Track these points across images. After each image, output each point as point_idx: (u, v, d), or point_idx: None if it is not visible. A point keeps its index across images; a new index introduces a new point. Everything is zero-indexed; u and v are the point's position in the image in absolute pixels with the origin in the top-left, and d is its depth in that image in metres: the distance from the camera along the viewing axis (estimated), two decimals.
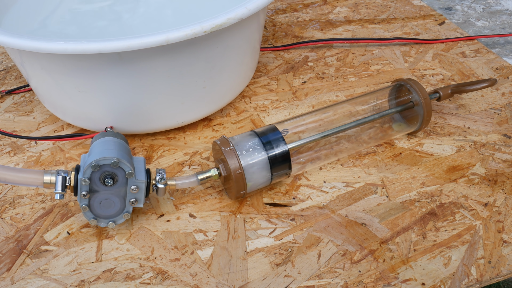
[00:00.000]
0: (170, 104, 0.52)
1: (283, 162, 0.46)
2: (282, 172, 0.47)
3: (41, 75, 0.50)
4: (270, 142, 0.46)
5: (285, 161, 0.46)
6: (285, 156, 0.46)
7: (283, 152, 0.46)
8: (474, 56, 0.67)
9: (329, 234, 0.45)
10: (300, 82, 0.64)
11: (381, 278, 0.41)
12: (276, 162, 0.46)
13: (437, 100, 0.55)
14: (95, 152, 0.43)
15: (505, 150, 0.53)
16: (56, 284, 0.41)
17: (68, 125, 0.59)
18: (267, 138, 0.46)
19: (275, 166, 0.46)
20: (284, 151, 0.46)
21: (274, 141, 0.46)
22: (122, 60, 0.45)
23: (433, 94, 0.55)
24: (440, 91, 0.55)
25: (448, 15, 0.80)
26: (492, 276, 0.41)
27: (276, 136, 0.46)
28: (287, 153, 0.46)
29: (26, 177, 0.42)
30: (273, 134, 0.47)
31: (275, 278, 0.41)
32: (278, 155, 0.46)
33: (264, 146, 0.46)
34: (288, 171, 0.47)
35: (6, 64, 0.71)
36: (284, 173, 0.47)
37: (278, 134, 0.47)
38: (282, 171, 0.46)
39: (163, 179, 0.44)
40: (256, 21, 0.53)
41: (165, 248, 0.44)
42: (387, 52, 0.69)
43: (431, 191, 0.48)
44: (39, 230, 0.46)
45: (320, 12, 0.80)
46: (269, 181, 0.47)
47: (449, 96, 0.55)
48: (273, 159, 0.45)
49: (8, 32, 0.45)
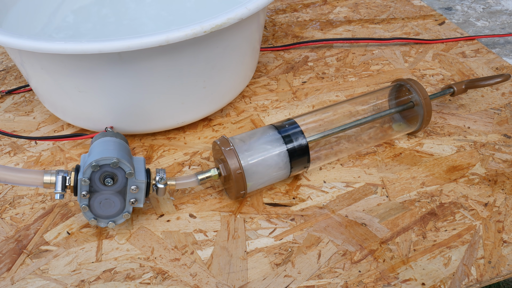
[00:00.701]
0: (170, 104, 0.52)
1: (302, 155, 0.47)
2: (301, 165, 0.47)
3: (41, 75, 0.50)
4: (289, 136, 0.47)
5: (304, 154, 0.47)
6: (304, 149, 0.47)
7: (302, 145, 0.46)
8: (474, 56, 0.67)
9: (329, 234, 0.45)
10: (300, 82, 0.64)
11: (381, 278, 0.41)
12: (295, 155, 0.46)
13: (451, 95, 0.55)
14: (95, 152, 0.43)
15: (505, 150, 0.53)
16: (56, 284, 0.41)
17: (68, 125, 0.59)
18: (285, 131, 0.47)
19: (294, 159, 0.46)
20: (302, 144, 0.46)
21: (293, 134, 0.47)
22: (122, 60, 0.45)
23: (447, 89, 0.55)
24: (454, 86, 0.55)
25: (448, 15, 0.80)
26: (492, 276, 0.41)
27: (295, 129, 0.47)
28: (306, 146, 0.47)
29: (26, 177, 0.42)
30: (292, 127, 0.47)
31: (275, 278, 0.41)
32: (297, 147, 0.46)
33: (283, 139, 0.46)
34: (307, 164, 0.47)
35: (6, 64, 0.71)
36: (303, 166, 0.47)
37: (297, 127, 0.47)
38: (301, 164, 0.47)
39: (163, 179, 0.44)
40: (256, 21, 0.53)
41: (165, 248, 0.44)
42: (387, 52, 0.69)
43: (431, 191, 0.48)
44: (39, 230, 0.46)
45: (320, 12, 0.80)
46: (287, 174, 0.47)
47: (463, 91, 0.56)
48: (292, 152, 0.46)
49: (8, 32, 0.45)
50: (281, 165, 0.46)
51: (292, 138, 0.47)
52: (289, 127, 0.47)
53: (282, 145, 0.46)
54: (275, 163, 0.46)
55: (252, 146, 0.46)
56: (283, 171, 0.47)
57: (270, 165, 0.46)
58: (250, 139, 0.47)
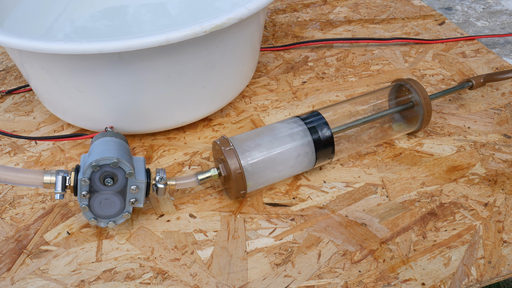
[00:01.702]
0: (170, 104, 0.52)
1: (327, 146, 0.48)
2: (325, 156, 0.48)
3: (41, 75, 0.50)
4: (314, 127, 0.48)
5: (329, 145, 0.48)
6: (329, 140, 0.47)
7: (327, 136, 0.47)
8: (474, 56, 0.67)
9: (329, 234, 0.45)
10: (300, 82, 0.64)
11: (381, 278, 0.41)
12: (320, 146, 0.47)
13: (470, 88, 0.57)
14: (95, 152, 0.43)
15: (505, 150, 0.53)
16: (56, 284, 0.41)
17: (68, 125, 0.59)
18: (310, 122, 0.48)
19: (319, 149, 0.47)
20: (327, 135, 0.47)
21: (318, 125, 0.48)
22: (122, 60, 0.45)
23: (466, 83, 0.56)
24: (472, 79, 0.56)
25: (448, 15, 0.80)
26: (492, 276, 0.41)
27: (320, 120, 0.48)
28: (331, 137, 0.47)
29: (26, 177, 0.42)
30: (317, 119, 0.48)
31: (275, 278, 0.41)
32: (322, 138, 0.47)
33: (309, 130, 0.47)
34: (331, 155, 0.48)
35: (6, 64, 0.71)
36: (327, 157, 0.48)
37: (322, 118, 0.48)
38: (325, 155, 0.48)
39: (163, 179, 0.44)
40: (256, 21, 0.53)
41: (165, 248, 0.44)
42: (387, 52, 0.69)
43: (431, 191, 0.48)
44: (39, 230, 0.46)
45: (320, 12, 0.80)
46: (312, 165, 0.48)
47: (481, 85, 0.57)
48: (317, 142, 0.47)
49: (8, 32, 0.45)
50: (307, 155, 0.47)
51: (317, 128, 0.47)
52: (314, 118, 0.48)
53: (308, 136, 0.47)
54: (299, 154, 0.47)
55: (276, 136, 0.47)
56: (306, 162, 0.48)
57: (293, 157, 0.47)
58: (272, 131, 0.48)
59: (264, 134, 0.47)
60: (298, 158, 0.47)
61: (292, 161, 0.47)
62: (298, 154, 0.47)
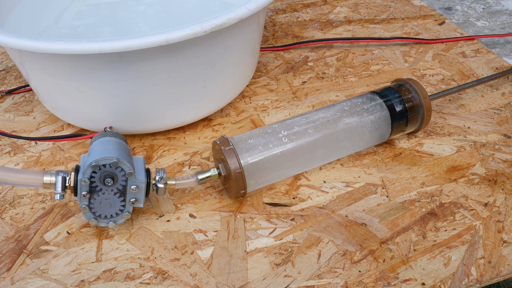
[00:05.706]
0: (170, 104, 0.52)
1: (401, 119, 0.51)
2: (399, 129, 0.51)
3: (41, 75, 0.50)
4: (389, 100, 0.51)
5: (403, 117, 0.51)
6: (404, 113, 0.50)
7: (402, 109, 0.50)
8: (474, 56, 0.67)
9: (329, 234, 0.45)
10: (300, 82, 0.64)
11: (381, 278, 0.41)
12: (395, 118, 0.50)
13: None
14: (95, 152, 0.43)
15: (505, 150, 0.53)
16: (56, 284, 0.41)
17: (68, 125, 0.59)
18: (386, 96, 0.51)
19: (394, 122, 0.50)
20: (402, 109, 0.50)
21: (393, 98, 0.51)
22: (122, 60, 0.45)
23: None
24: None
25: (448, 15, 0.80)
26: (492, 276, 0.41)
27: (395, 94, 0.51)
28: (405, 110, 0.50)
29: (26, 178, 0.42)
30: (391, 93, 0.51)
31: (275, 278, 0.41)
32: (398, 111, 0.50)
33: (385, 103, 0.50)
34: (404, 128, 0.51)
35: (6, 64, 0.72)
36: (401, 130, 0.51)
37: (398, 93, 0.51)
38: (399, 128, 0.51)
39: (163, 179, 0.44)
40: (256, 21, 0.53)
41: (165, 248, 0.44)
42: (387, 52, 0.69)
43: (431, 191, 0.48)
44: (39, 230, 0.46)
45: (320, 12, 0.80)
46: (387, 136, 0.51)
47: None
48: (393, 115, 0.50)
49: (8, 32, 0.45)
50: (382, 128, 0.50)
51: (393, 102, 0.50)
52: (389, 93, 0.51)
53: (384, 109, 0.50)
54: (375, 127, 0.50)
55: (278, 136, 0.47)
56: (381, 134, 0.51)
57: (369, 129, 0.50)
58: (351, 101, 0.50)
59: (265, 134, 0.47)
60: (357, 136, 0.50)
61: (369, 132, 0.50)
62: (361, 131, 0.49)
